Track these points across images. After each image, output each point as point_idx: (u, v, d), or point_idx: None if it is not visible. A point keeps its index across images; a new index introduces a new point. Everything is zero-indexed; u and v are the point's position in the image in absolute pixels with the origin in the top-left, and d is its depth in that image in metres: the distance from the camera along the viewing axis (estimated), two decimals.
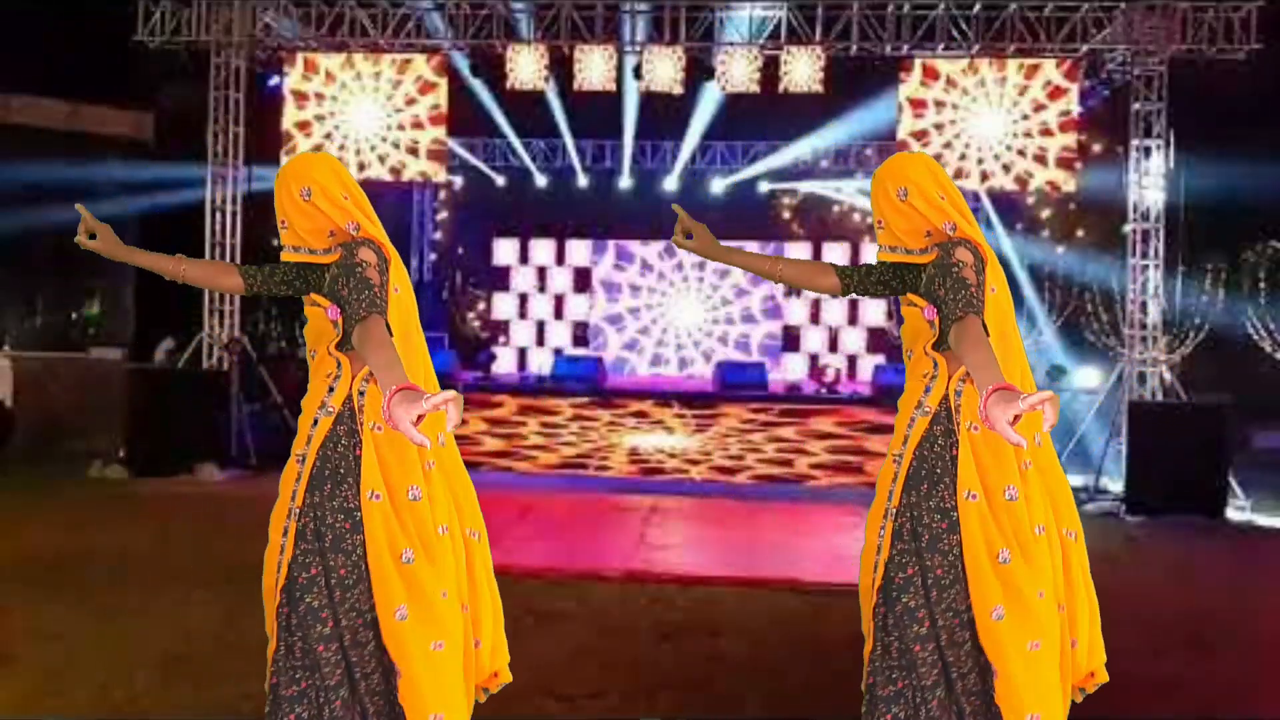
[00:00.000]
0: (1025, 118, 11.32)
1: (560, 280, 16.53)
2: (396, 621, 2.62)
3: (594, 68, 11.49)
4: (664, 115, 13.69)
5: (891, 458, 2.82)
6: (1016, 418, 2.26)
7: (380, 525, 2.63)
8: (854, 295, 3.02)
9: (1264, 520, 10.05)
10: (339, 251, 2.75)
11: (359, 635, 2.65)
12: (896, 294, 2.92)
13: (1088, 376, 12.25)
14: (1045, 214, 16.28)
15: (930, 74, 11.41)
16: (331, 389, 2.70)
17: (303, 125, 11.96)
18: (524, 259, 16.59)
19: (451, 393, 2.35)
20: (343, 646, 2.64)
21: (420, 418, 2.29)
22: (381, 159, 11.93)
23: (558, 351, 15.76)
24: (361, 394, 2.69)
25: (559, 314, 16.53)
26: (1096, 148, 13.77)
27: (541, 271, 16.56)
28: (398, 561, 2.63)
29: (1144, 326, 10.99)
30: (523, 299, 16.57)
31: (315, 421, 2.69)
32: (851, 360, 15.68)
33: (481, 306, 17.68)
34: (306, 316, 2.80)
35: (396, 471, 2.67)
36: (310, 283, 2.82)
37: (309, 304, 2.78)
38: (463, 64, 12.36)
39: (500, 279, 16.69)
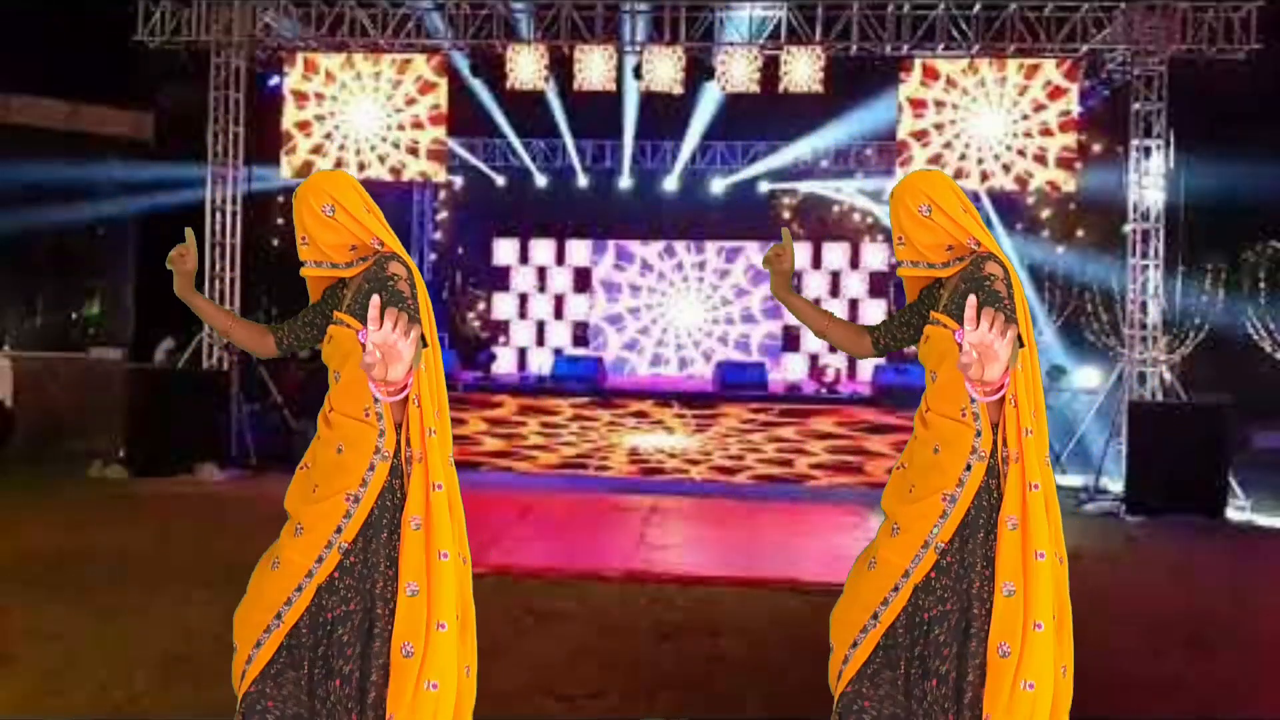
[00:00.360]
0: (1025, 118, 11.32)
1: (560, 280, 16.53)
2: (402, 658, 2.62)
3: (594, 68, 11.49)
4: (664, 115, 13.69)
5: (940, 496, 2.71)
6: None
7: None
8: (888, 349, 3.07)
9: (1264, 520, 10.05)
10: (360, 265, 2.77)
11: (364, 683, 2.65)
12: (921, 327, 2.90)
13: (1088, 376, 12.25)
14: (1045, 214, 16.28)
15: (930, 74, 11.41)
16: (383, 432, 2.68)
17: (303, 125, 11.96)
18: (524, 259, 16.59)
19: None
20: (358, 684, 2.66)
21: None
22: (381, 159, 11.93)
23: (558, 351, 15.76)
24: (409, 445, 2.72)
25: (559, 314, 16.54)
26: (1096, 148, 13.77)
27: (541, 271, 16.56)
28: (404, 594, 2.65)
29: (1144, 326, 10.99)
30: (523, 299, 16.57)
31: (372, 466, 2.67)
32: (851, 360, 15.67)
33: (481, 306, 17.68)
34: (331, 335, 2.77)
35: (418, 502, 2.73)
36: (329, 307, 2.84)
37: (337, 323, 2.76)
38: (463, 64, 12.36)
39: (500, 279, 16.70)
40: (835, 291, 15.87)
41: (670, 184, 15.69)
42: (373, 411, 2.69)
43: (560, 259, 16.53)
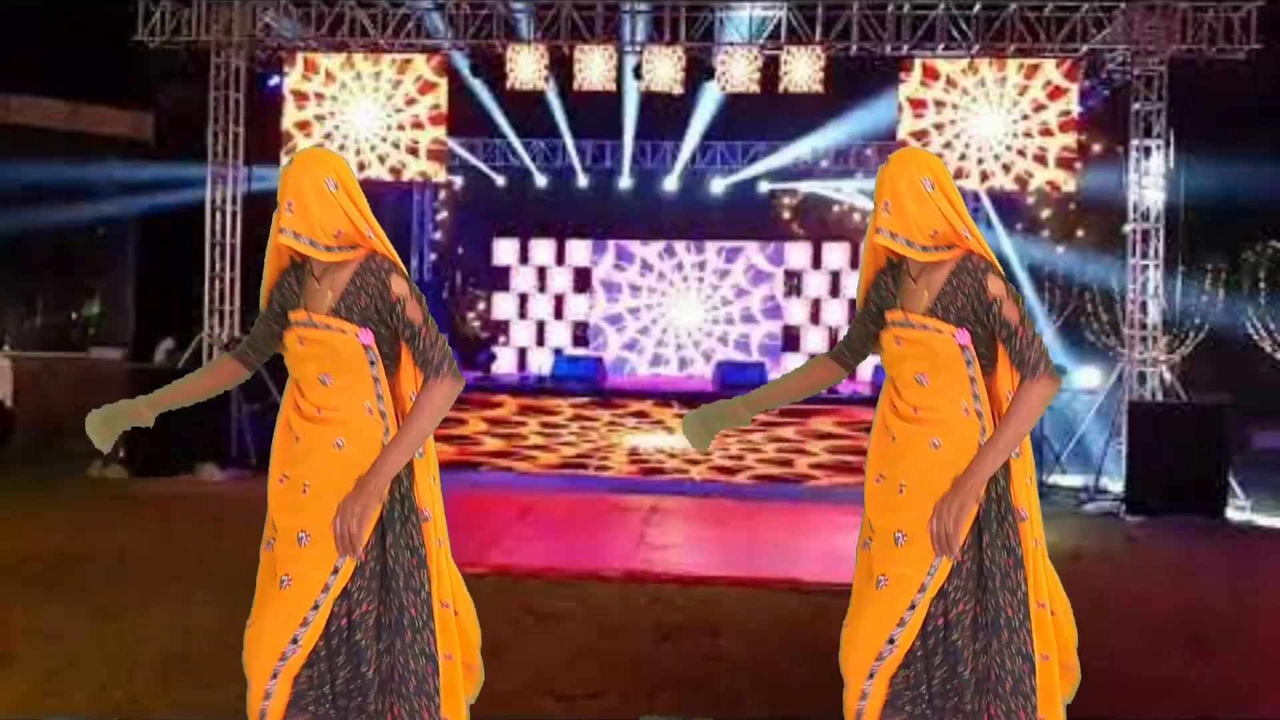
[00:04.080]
0: (1025, 118, 11.32)
1: (560, 280, 16.52)
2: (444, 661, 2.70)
3: (594, 68, 11.49)
4: (664, 115, 13.68)
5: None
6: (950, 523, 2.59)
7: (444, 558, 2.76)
8: (856, 355, 3.03)
9: (1264, 520, 10.05)
10: (340, 254, 2.65)
11: (402, 673, 2.62)
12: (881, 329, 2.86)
13: (1088, 376, 12.25)
14: (1045, 214, 16.27)
15: (930, 74, 11.41)
16: (388, 430, 2.65)
17: (303, 125, 11.95)
18: (524, 259, 16.58)
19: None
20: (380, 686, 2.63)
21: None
22: (381, 159, 11.93)
23: (558, 351, 15.75)
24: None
25: (559, 314, 16.53)
26: (1096, 148, 13.76)
27: (541, 271, 16.55)
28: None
29: (1144, 326, 10.99)
30: (523, 299, 16.56)
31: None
32: None
33: (481, 306, 17.67)
34: (312, 339, 2.63)
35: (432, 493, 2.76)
36: (287, 306, 2.72)
37: (318, 326, 2.64)
38: (463, 64, 12.36)
39: (500, 279, 16.68)
40: (835, 291, 15.86)
41: (670, 184, 15.68)
42: (375, 409, 2.65)
43: (560, 259, 16.52)
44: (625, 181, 15.74)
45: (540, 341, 16.45)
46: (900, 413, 2.74)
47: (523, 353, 16.42)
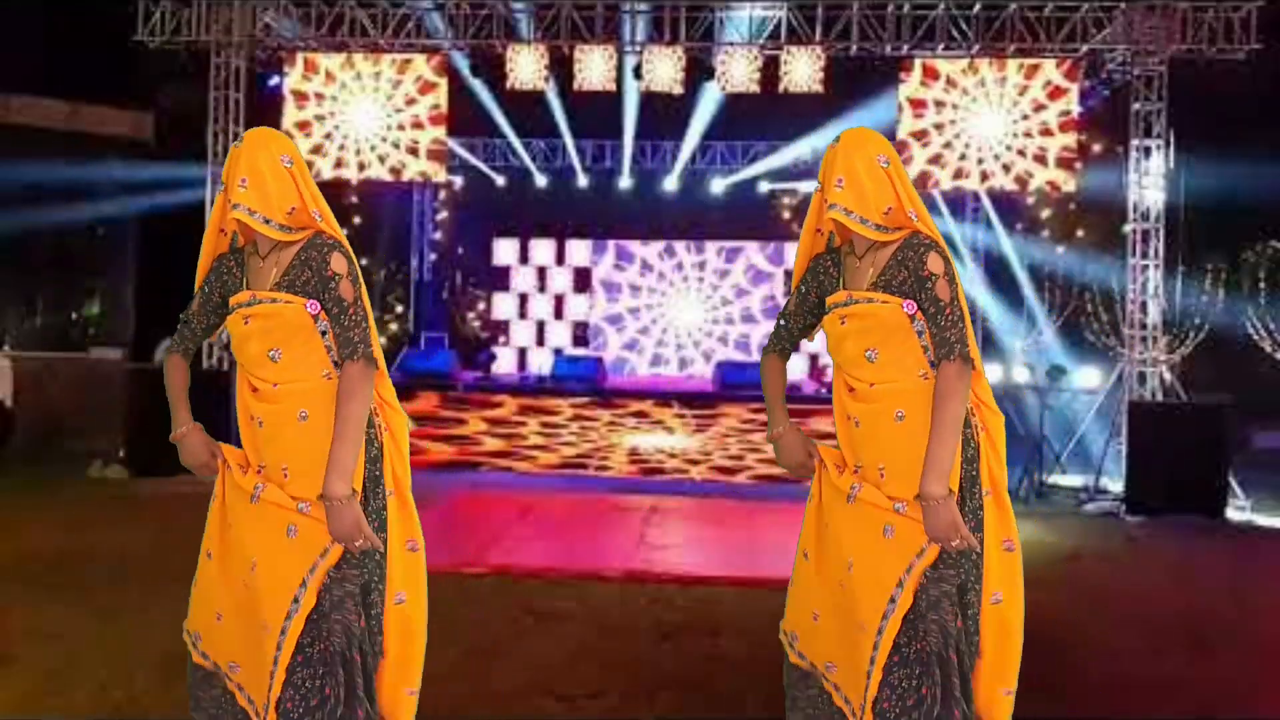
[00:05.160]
0: (1025, 118, 11.32)
1: (560, 280, 16.53)
2: (395, 605, 2.73)
3: (594, 68, 11.49)
4: (664, 115, 13.69)
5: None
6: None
7: (398, 520, 2.76)
8: (796, 345, 3.07)
9: (1264, 520, 10.05)
10: (290, 235, 2.67)
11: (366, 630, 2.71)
12: (820, 315, 2.88)
13: (1088, 376, 12.23)
14: (1045, 214, 16.25)
15: (930, 74, 11.41)
16: None
17: (303, 125, 11.95)
18: (524, 259, 16.59)
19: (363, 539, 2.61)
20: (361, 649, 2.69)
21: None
22: (381, 159, 11.93)
23: (558, 351, 15.76)
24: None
25: (559, 314, 16.53)
26: (1096, 148, 13.75)
27: (541, 271, 16.56)
28: (403, 550, 2.75)
29: (1144, 326, 10.99)
30: (523, 299, 16.57)
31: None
32: None
33: (481, 306, 17.67)
34: (261, 314, 2.65)
35: (401, 466, 2.77)
36: (227, 292, 2.76)
37: (263, 301, 2.67)
38: (463, 64, 12.36)
39: (500, 279, 16.69)
40: None
41: (670, 184, 15.69)
42: (334, 375, 2.66)
43: (560, 259, 16.53)
44: (625, 181, 15.74)
45: (540, 341, 16.45)
46: (858, 394, 2.76)
47: (523, 353, 16.42)
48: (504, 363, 16.08)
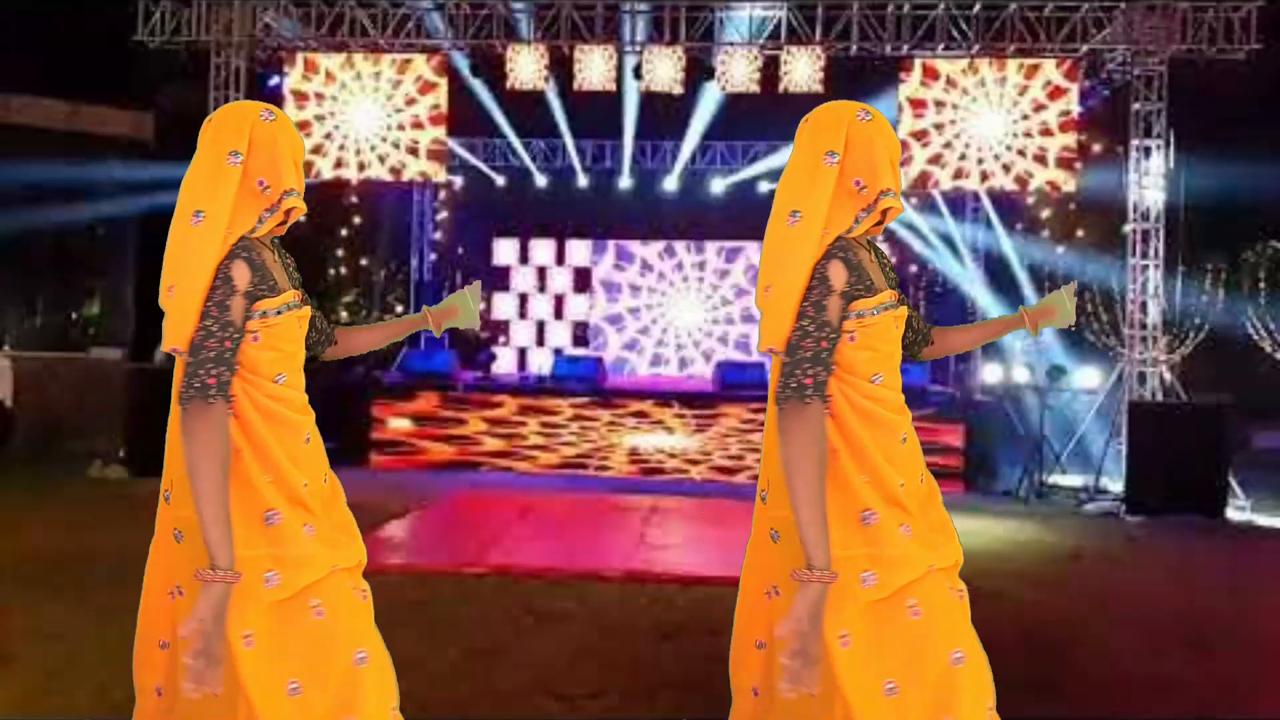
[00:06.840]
0: (1025, 118, 11.32)
1: (560, 280, 16.54)
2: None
3: (594, 68, 11.49)
4: (664, 115, 13.69)
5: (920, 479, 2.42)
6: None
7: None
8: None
9: (1264, 520, 10.04)
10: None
11: None
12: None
13: (1088, 376, 12.23)
14: (1045, 214, 16.26)
15: (930, 74, 11.41)
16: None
17: (303, 125, 11.94)
18: (524, 259, 16.60)
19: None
20: None
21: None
22: (381, 159, 11.93)
23: (558, 351, 15.77)
24: None
25: (559, 314, 16.54)
26: (1096, 148, 13.75)
27: (541, 271, 16.56)
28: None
29: (1144, 326, 10.99)
30: (523, 299, 16.58)
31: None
32: None
33: (481, 306, 17.66)
34: (278, 325, 2.33)
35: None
36: (281, 288, 2.38)
37: (307, 302, 2.43)
38: (463, 64, 12.36)
39: (500, 279, 16.70)
40: None
41: (670, 184, 15.69)
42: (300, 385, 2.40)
43: (560, 259, 16.53)
44: (625, 181, 15.74)
45: (540, 341, 16.46)
46: (903, 409, 2.41)
47: (523, 353, 16.43)
48: (504, 363, 16.09)
